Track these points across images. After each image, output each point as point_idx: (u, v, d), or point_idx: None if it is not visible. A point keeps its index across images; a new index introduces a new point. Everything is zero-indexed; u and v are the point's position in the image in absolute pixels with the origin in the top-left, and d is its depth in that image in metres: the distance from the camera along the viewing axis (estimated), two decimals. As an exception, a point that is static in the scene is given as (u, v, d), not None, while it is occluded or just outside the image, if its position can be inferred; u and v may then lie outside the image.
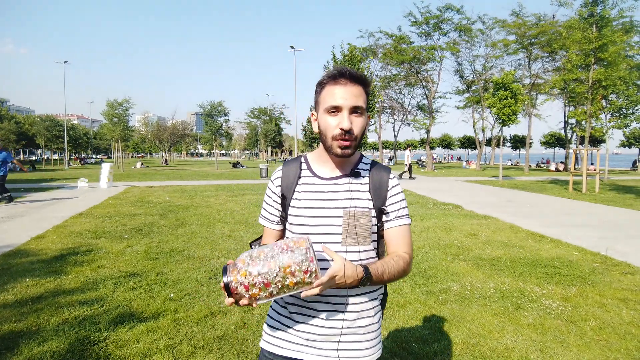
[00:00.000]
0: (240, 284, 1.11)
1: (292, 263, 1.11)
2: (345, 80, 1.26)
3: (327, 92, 1.28)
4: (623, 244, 6.42)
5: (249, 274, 1.11)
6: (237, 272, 1.12)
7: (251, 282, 1.10)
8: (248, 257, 1.14)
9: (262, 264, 1.11)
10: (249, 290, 1.11)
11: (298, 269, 1.11)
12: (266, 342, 1.39)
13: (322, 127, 1.30)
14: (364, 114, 1.29)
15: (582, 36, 15.94)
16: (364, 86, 1.29)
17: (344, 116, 1.25)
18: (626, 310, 3.81)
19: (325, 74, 1.31)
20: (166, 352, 2.99)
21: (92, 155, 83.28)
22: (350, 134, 1.25)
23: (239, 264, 1.13)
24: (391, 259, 1.28)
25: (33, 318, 3.54)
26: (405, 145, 38.08)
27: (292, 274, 1.10)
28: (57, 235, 6.92)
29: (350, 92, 1.25)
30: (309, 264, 1.11)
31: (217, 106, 37.25)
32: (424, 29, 33.17)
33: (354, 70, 1.28)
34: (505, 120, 19.24)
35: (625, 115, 18.40)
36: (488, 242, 6.58)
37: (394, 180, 1.38)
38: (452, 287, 4.43)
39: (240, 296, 1.12)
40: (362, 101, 1.27)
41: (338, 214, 1.30)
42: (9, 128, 45.16)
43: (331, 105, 1.26)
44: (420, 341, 3.21)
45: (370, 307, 1.33)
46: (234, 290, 1.11)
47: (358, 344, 1.30)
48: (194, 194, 13.55)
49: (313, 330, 1.29)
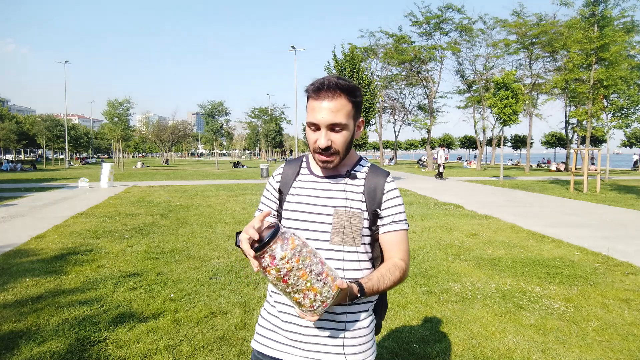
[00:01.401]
0: (271, 256, 1.05)
1: (318, 290, 1.08)
2: (325, 94, 1.22)
3: (309, 106, 1.26)
4: (625, 244, 6.40)
5: (287, 258, 1.05)
6: (281, 245, 1.05)
7: (281, 264, 1.04)
8: (301, 244, 1.09)
9: (303, 263, 1.07)
10: (272, 266, 1.05)
11: (316, 298, 1.09)
12: (256, 341, 1.39)
13: (307, 139, 1.31)
14: (347, 127, 1.25)
15: (584, 36, 15.92)
16: (349, 96, 1.24)
17: (322, 134, 1.23)
18: (628, 311, 3.79)
19: (311, 83, 1.27)
20: (166, 353, 2.98)
21: (93, 155, 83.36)
22: (328, 151, 1.25)
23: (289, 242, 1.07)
24: (387, 271, 1.26)
25: (33, 318, 3.53)
26: (440, 143, 37.72)
27: (307, 294, 1.08)
28: (58, 235, 6.92)
29: (329, 108, 1.21)
30: (322, 305, 1.10)
31: (218, 106, 37.29)
32: (424, 29, 33.19)
33: (335, 82, 1.22)
34: (506, 120, 19.21)
35: (627, 115, 18.38)
36: (489, 242, 6.56)
37: (390, 184, 1.35)
38: (453, 288, 4.42)
39: (260, 258, 1.06)
40: (342, 116, 1.22)
41: (329, 212, 1.29)
42: (10, 128, 45.24)
43: (310, 122, 1.26)
44: (422, 342, 3.20)
45: (358, 310, 1.31)
46: (263, 253, 1.05)
47: (348, 348, 1.28)
48: (194, 194, 13.55)
49: (299, 330, 1.28)
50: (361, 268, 1.30)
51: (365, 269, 1.32)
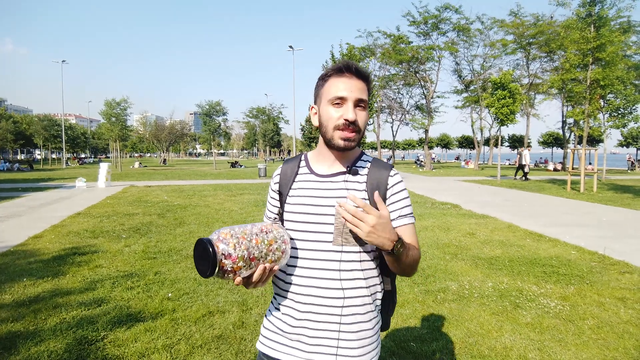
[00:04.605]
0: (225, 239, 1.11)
1: (273, 238, 1.18)
2: (351, 74, 1.26)
3: (332, 84, 1.27)
4: (621, 244, 6.43)
5: (235, 243, 1.12)
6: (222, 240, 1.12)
7: (238, 252, 1.11)
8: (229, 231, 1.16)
9: (247, 235, 1.15)
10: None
11: (279, 246, 1.18)
12: (261, 343, 1.38)
13: (323, 119, 1.28)
14: (367, 109, 1.29)
15: (580, 36, 15.97)
16: (367, 82, 1.29)
17: (349, 107, 1.23)
18: (624, 309, 3.82)
19: (330, 67, 1.31)
20: (164, 352, 2.98)
21: (91, 155, 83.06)
22: (355, 125, 1.25)
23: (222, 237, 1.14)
24: (411, 246, 1.27)
25: (31, 318, 3.53)
26: (526, 145, 37.45)
27: (271, 248, 1.17)
28: (55, 235, 6.91)
29: (355, 85, 1.25)
30: (285, 243, 1.20)
31: (216, 106, 37.23)
32: (422, 29, 33.19)
33: (360, 66, 1.28)
34: (504, 120, 19.25)
35: (623, 114, 18.46)
36: (486, 241, 6.58)
37: (394, 177, 1.32)
38: (450, 287, 4.43)
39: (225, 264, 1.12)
40: (365, 95, 1.27)
41: (331, 212, 1.26)
42: (7, 127, 45.08)
43: (336, 96, 1.24)
44: (419, 340, 3.21)
45: (363, 312, 1.28)
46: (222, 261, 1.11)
47: (350, 350, 1.26)
48: (192, 194, 13.53)
49: (304, 332, 1.27)
50: (363, 268, 1.27)
51: (369, 268, 1.29)
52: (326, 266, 1.25)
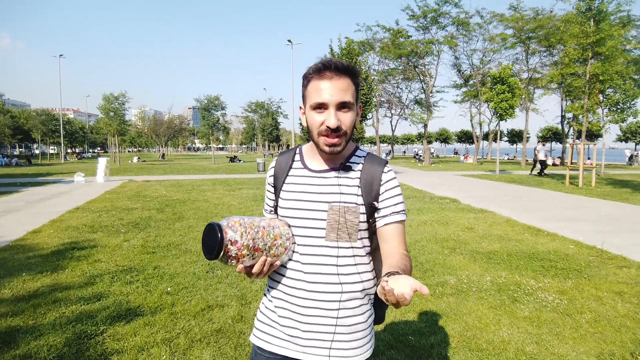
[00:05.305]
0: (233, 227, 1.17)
1: (279, 234, 1.25)
2: (331, 73, 1.19)
3: (313, 87, 1.22)
4: (619, 238, 6.45)
5: (242, 232, 1.17)
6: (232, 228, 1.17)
7: (245, 240, 1.16)
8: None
9: (255, 227, 1.21)
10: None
11: (283, 242, 1.25)
12: (255, 336, 1.38)
13: (309, 123, 1.26)
14: (353, 108, 1.23)
15: (580, 30, 15.94)
16: (351, 77, 1.23)
17: (331, 113, 1.19)
18: (621, 303, 3.84)
19: (311, 66, 1.25)
20: (163, 346, 2.99)
21: (89, 149, 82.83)
22: (338, 131, 1.21)
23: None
24: (405, 262, 1.18)
25: (30, 312, 3.53)
26: (541, 140, 37.09)
27: (275, 243, 1.23)
28: (54, 230, 6.90)
29: (337, 86, 1.19)
30: (289, 241, 1.27)
31: (214, 100, 37.13)
32: (421, 23, 33.01)
33: (340, 62, 1.21)
34: (503, 115, 19.22)
35: (622, 109, 18.45)
36: (485, 235, 6.60)
37: (388, 174, 1.30)
38: (448, 281, 4.45)
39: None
40: (349, 95, 1.21)
41: (323, 208, 1.25)
42: (4, 122, 44.85)
43: (316, 102, 1.20)
44: (417, 334, 3.23)
45: (357, 305, 1.28)
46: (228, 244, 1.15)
47: (344, 343, 1.26)
48: (191, 188, 13.52)
49: (297, 326, 1.27)
50: (356, 263, 1.28)
51: (362, 263, 1.29)
52: (323, 261, 1.26)
